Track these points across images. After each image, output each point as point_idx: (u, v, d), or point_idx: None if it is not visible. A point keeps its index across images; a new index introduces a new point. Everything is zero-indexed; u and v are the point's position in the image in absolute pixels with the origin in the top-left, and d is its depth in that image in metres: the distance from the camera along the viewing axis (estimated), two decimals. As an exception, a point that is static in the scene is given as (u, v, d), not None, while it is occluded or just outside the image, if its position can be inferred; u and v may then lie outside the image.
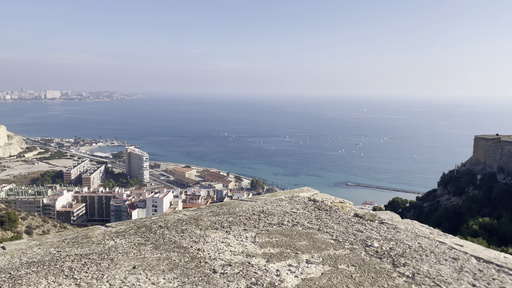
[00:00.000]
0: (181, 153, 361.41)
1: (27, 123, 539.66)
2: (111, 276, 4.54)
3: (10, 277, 4.55)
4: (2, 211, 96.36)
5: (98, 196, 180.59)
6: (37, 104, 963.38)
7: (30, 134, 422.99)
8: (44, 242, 5.71)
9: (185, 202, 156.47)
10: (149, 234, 5.91)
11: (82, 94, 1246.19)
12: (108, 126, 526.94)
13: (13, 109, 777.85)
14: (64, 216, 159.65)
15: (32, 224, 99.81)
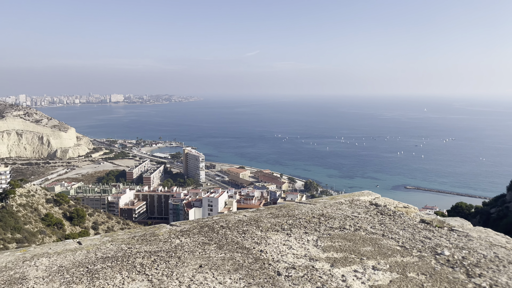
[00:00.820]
0: (236, 154, 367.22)
1: (94, 125, 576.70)
2: (180, 274, 4.66)
3: (88, 271, 4.83)
4: (71, 207, 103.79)
5: (158, 195, 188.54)
6: (102, 108, 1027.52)
7: (96, 135, 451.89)
8: (115, 238, 6.05)
9: (239, 202, 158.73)
10: (212, 234, 5.99)
11: (143, 98, 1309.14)
12: (167, 128, 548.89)
13: (81, 112, 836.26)
14: (127, 214, 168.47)
15: (98, 220, 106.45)
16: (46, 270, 4.86)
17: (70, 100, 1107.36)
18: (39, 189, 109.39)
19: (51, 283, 4.50)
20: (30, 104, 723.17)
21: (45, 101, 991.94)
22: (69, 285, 4.46)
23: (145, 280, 4.54)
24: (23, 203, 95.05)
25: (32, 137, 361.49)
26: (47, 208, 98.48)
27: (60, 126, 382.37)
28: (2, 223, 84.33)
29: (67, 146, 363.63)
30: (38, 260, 5.16)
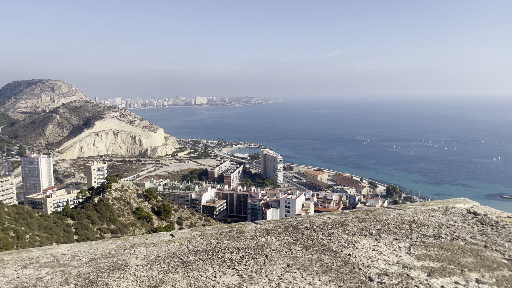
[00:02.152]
0: (314, 156, 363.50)
1: (180, 126, 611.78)
2: (268, 272, 4.71)
3: (182, 262, 5.10)
4: (159, 202, 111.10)
5: (237, 194, 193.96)
6: (188, 109, 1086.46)
7: (182, 136, 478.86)
8: (205, 233, 6.24)
9: (316, 205, 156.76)
10: (297, 234, 5.96)
11: (225, 100, 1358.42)
12: (246, 129, 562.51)
13: (169, 114, 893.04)
14: (208, 211, 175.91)
15: (182, 216, 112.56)
16: (144, 259, 5.19)
17: (159, 102, 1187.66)
18: (131, 184, 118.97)
19: (150, 271, 4.79)
20: (125, 106, 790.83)
21: (138, 104, 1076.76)
22: (166, 274, 4.71)
23: (235, 275, 4.65)
24: (117, 197, 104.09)
25: (126, 137, 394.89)
26: (138, 202, 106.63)
27: (150, 127, 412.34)
28: (100, 214, 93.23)
29: (156, 145, 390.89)
30: (137, 249, 5.56)
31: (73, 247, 5.73)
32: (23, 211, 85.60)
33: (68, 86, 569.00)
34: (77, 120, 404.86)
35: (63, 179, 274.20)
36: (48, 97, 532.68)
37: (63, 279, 4.62)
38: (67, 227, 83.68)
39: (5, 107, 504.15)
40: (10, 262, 5.16)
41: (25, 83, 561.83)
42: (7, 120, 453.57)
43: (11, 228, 74.08)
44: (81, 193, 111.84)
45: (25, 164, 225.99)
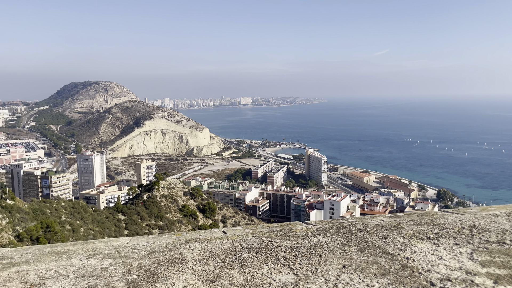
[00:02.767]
0: (359, 157, 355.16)
1: (225, 126, 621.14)
2: (324, 272, 4.69)
3: (236, 258, 5.17)
4: (204, 201, 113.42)
5: (280, 195, 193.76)
6: (232, 110, 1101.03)
7: (226, 135, 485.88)
8: (256, 231, 6.28)
9: (362, 208, 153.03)
10: (349, 236, 5.91)
11: (269, 100, 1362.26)
12: (290, 130, 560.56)
13: (214, 114, 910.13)
14: (252, 210, 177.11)
15: (226, 215, 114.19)
16: (200, 254, 5.35)
17: (205, 102, 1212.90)
18: (178, 182, 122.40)
19: (206, 266, 4.93)
20: (173, 107, 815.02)
21: (185, 104, 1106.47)
22: (222, 270, 4.81)
23: (291, 273, 4.67)
24: (165, 194, 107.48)
25: (173, 136, 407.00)
26: (184, 200, 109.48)
27: (197, 127, 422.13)
28: (148, 210, 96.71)
29: (201, 145, 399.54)
30: (192, 245, 5.73)
31: (132, 240, 6.04)
32: (78, 205, 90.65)
33: (120, 87, 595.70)
34: (128, 120, 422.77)
35: (114, 176, 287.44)
36: (102, 97, 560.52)
37: (125, 270, 4.86)
38: (118, 222, 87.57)
39: (63, 107, 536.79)
40: (76, 253, 5.53)
41: (81, 84, 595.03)
42: (64, 120, 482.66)
43: (67, 221, 78.70)
44: (131, 190, 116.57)
45: (81, 161, 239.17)
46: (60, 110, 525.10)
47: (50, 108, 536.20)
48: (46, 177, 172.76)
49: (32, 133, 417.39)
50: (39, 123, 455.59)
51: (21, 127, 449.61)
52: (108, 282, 4.56)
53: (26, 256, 5.56)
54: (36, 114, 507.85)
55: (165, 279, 4.59)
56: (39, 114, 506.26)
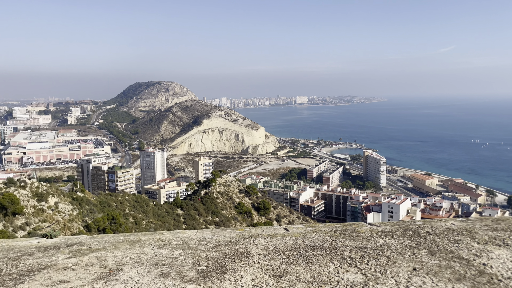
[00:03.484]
0: (421, 159, 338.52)
1: (280, 125, 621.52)
2: (394, 273, 4.61)
3: (301, 255, 5.26)
4: (259, 199, 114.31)
5: (336, 195, 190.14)
6: (288, 109, 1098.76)
7: (281, 134, 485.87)
8: (318, 230, 6.34)
9: (423, 212, 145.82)
10: (418, 239, 5.75)
11: (325, 99, 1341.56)
12: (347, 129, 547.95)
13: (270, 113, 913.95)
14: (306, 210, 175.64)
15: (280, 214, 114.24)
16: (264, 249, 5.51)
17: (261, 102, 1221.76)
18: (234, 180, 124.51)
19: (272, 261, 5.05)
20: (230, 106, 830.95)
21: (241, 103, 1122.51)
22: (288, 265, 4.91)
23: (359, 273, 4.64)
24: (221, 191, 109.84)
25: (230, 134, 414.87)
26: (240, 197, 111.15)
27: (252, 125, 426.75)
28: (205, 206, 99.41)
29: (257, 144, 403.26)
30: (255, 240, 5.93)
31: (198, 233, 6.39)
32: (141, 199, 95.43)
33: (180, 87, 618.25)
34: (188, 118, 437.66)
35: (174, 172, 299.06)
36: (164, 97, 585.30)
37: (194, 261, 5.16)
38: (177, 216, 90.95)
39: (128, 106, 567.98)
40: (147, 242, 5.99)
41: (145, 84, 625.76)
42: (129, 118, 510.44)
43: (130, 214, 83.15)
44: (189, 186, 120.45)
45: (143, 158, 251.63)
46: (126, 108, 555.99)
47: (117, 107, 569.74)
48: (112, 172, 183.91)
49: (100, 130, 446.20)
50: (106, 121, 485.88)
51: (90, 124, 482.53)
52: (180, 271, 4.86)
53: (103, 244, 6.11)
54: (104, 112, 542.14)
55: (233, 271, 4.78)
56: (107, 112, 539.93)
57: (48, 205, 68.17)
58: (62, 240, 6.59)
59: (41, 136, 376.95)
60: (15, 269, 5.14)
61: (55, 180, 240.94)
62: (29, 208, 65.19)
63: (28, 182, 72.27)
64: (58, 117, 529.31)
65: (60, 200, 71.41)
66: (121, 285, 4.53)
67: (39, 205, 67.09)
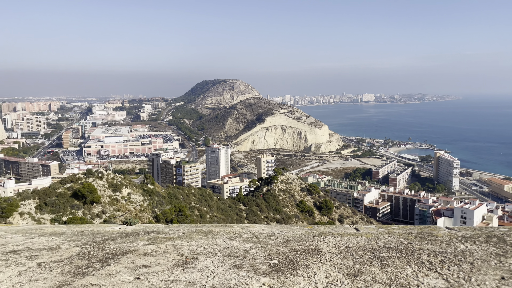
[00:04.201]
0: (500, 162, 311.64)
1: (345, 123, 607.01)
2: (480, 281, 4.41)
3: (375, 256, 5.15)
4: (321, 198, 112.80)
5: (403, 198, 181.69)
6: (353, 107, 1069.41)
7: (346, 133, 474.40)
8: (391, 231, 6.22)
9: (501, 219, 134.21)
10: (505, 246, 5.37)
11: (394, 97, 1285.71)
12: (417, 129, 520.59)
13: (334, 111, 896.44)
14: (371, 212, 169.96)
15: (343, 214, 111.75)
16: (335, 247, 5.49)
17: (326, 99, 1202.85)
18: (295, 178, 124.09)
19: (345, 260, 5.02)
20: (293, 103, 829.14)
21: (305, 101, 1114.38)
22: (362, 265, 4.85)
23: (440, 278, 4.45)
24: (283, 188, 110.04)
25: (292, 132, 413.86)
26: (301, 195, 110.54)
27: (316, 123, 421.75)
28: (267, 203, 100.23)
29: (320, 142, 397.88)
30: (325, 238, 5.93)
31: (267, 228, 6.51)
32: (206, 193, 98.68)
33: (245, 84, 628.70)
34: (251, 116, 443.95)
35: (237, 168, 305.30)
36: (229, 94, 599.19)
37: (266, 254, 5.27)
38: (240, 211, 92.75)
39: (195, 103, 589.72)
40: (219, 234, 6.26)
41: (211, 82, 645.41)
42: (196, 115, 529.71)
43: (196, 207, 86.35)
44: (252, 182, 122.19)
45: (209, 153, 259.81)
46: (193, 105, 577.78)
47: (185, 104, 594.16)
48: (179, 166, 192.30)
49: (169, 126, 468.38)
50: (175, 117, 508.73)
51: (160, 120, 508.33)
52: (252, 263, 4.99)
53: (178, 233, 6.47)
54: (173, 109, 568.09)
55: (306, 268, 4.81)
56: (176, 109, 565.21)
57: (121, 196, 73.05)
58: (141, 227, 7.08)
59: (116, 131, 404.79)
60: (101, 252, 5.66)
61: (128, 172, 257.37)
62: (105, 197, 70.34)
63: (105, 173, 78.00)
64: (132, 113, 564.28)
65: (133, 191, 76.15)
66: (198, 273, 4.75)
67: (114, 195, 72.11)
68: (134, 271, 4.89)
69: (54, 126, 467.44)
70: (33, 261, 5.34)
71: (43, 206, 60.29)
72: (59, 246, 6.04)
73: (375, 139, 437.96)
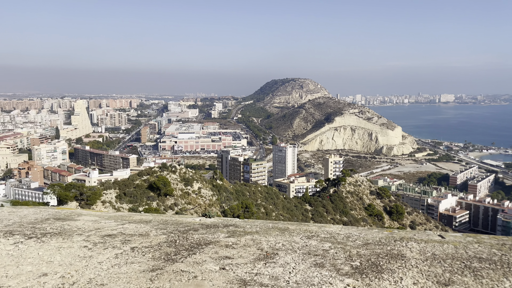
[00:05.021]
0: None
1: (420, 125, 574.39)
2: None
3: (466, 266, 4.83)
4: (391, 202, 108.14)
5: (484, 207, 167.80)
6: (430, 108, 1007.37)
7: (421, 135, 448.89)
8: (481, 241, 5.90)
9: None
10: None
11: (476, 98, 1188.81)
12: (502, 133, 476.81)
13: (409, 112, 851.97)
14: (446, 220, 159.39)
15: (415, 220, 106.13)
16: (420, 254, 5.25)
17: (400, 99, 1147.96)
18: (364, 180, 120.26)
19: (433, 267, 4.77)
20: (364, 103, 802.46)
21: (377, 101, 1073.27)
22: (453, 275, 4.59)
23: None
24: (351, 190, 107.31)
25: (363, 133, 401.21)
26: (370, 199, 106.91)
27: (388, 124, 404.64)
28: (334, 205, 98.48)
29: (392, 144, 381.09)
30: (408, 243, 5.68)
31: (344, 229, 6.46)
32: (272, 192, 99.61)
33: (314, 84, 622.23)
34: (320, 115, 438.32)
35: (304, 168, 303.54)
36: (297, 94, 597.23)
37: (346, 256, 5.16)
38: (305, 211, 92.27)
39: (264, 102, 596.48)
40: (295, 232, 6.30)
41: (280, 81, 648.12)
42: (264, 113, 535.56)
43: (262, 204, 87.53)
44: (318, 183, 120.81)
45: (276, 152, 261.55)
46: (262, 104, 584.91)
47: (254, 103, 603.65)
48: (247, 164, 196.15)
49: (238, 124, 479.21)
50: (244, 116, 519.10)
51: (230, 118, 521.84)
52: (334, 263, 4.91)
53: (255, 228, 6.64)
54: (243, 107, 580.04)
55: (391, 272, 4.63)
56: (245, 107, 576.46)
57: (192, 190, 76.41)
58: (219, 220, 7.43)
59: (189, 127, 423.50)
60: (186, 241, 6.02)
61: (199, 167, 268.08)
62: (177, 190, 74.07)
63: (178, 167, 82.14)
64: (204, 111, 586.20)
65: (203, 186, 79.29)
66: (280, 268, 4.77)
67: (185, 189, 75.65)
68: (218, 261, 5.06)
69: (134, 122, 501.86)
70: (127, 245, 5.82)
71: (122, 196, 65.13)
72: (147, 233, 6.45)
73: (453, 143, 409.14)
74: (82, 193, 58.32)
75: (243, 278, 4.53)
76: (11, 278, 4.83)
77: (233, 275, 4.65)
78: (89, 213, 8.09)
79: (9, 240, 6.31)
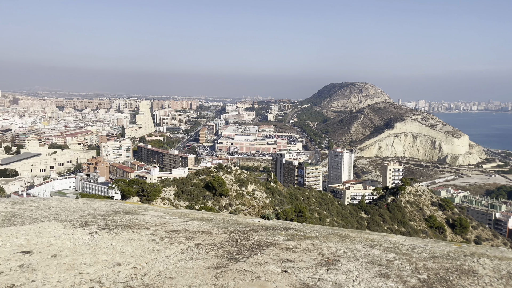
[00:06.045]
0: None
1: (489, 134, 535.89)
2: None
3: None
4: (455, 215, 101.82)
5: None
6: (502, 116, 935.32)
7: (490, 145, 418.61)
8: None
9: None
10: None
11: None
12: None
13: (477, 120, 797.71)
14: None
15: (481, 236, 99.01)
16: (493, 271, 4.93)
17: (467, 106, 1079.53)
18: (426, 190, 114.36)
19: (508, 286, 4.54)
20: (428, 110, 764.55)
21: (442, 107, 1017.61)
22: None
23: None
24: (410, 200, 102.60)
25: (425, 141, 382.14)
26: (431, 210, 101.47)
27: (453, 132, 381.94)
28: (391, 214, 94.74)
29: (457, 153, 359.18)
30: (479, 259, 5.33)
31: (408, 240, 6.22)
32: (326, 197, 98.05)
33: (374, 88, 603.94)
34: (379, 121, 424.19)
35: (360, 174, 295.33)
36: (356, 98, 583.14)
37: (412, 268, 4.91)
38: (361, 220, 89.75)
39: (321, 106, 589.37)
40: (356, 239, 6.10)
41: (339, 85, 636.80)
42: (321, 117, 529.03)
43: (315, 210, 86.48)
44: (375, 191, 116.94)
45: (331, 157, 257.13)
46: (318, 108, 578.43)
47: (310, 107, 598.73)
48: (301, 168, 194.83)
49: (294, 128, 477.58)
50: (300, 119, 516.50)
51: (286, 122, 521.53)
52: (399, 275, 4.67)
53: (314, 233, 6.52)
54: (299, 111, 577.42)
55: None
56: (301, 111, 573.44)
57: (246, 191, 77.41)
58: (278, 223, 7.41)
59: (245, 130, 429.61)
60: (247, 241, 6.05)
61: (253, 169, 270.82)
62: (232, 191, 75.42)
63: (233, 169, 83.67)
64: (260, 114, 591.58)
65: (257, 188, 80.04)
66: (343, 276, 4.61)
67: (240, 190, 76.82)
68: (280, 264, 4.99)
69: (193, 123, 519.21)
70: (192, 242, 5.98)
71: (180, 194, 67.59)
72: (210, 231, 6.60)
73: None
74: (144, 189, 61.31)
75: (305, 283, 4.44)
76: (89, 265, 5.21)
77: (296, 279, 4.57)
78: (154, 209, 8.54)
79: (85, 230, 6.83)
